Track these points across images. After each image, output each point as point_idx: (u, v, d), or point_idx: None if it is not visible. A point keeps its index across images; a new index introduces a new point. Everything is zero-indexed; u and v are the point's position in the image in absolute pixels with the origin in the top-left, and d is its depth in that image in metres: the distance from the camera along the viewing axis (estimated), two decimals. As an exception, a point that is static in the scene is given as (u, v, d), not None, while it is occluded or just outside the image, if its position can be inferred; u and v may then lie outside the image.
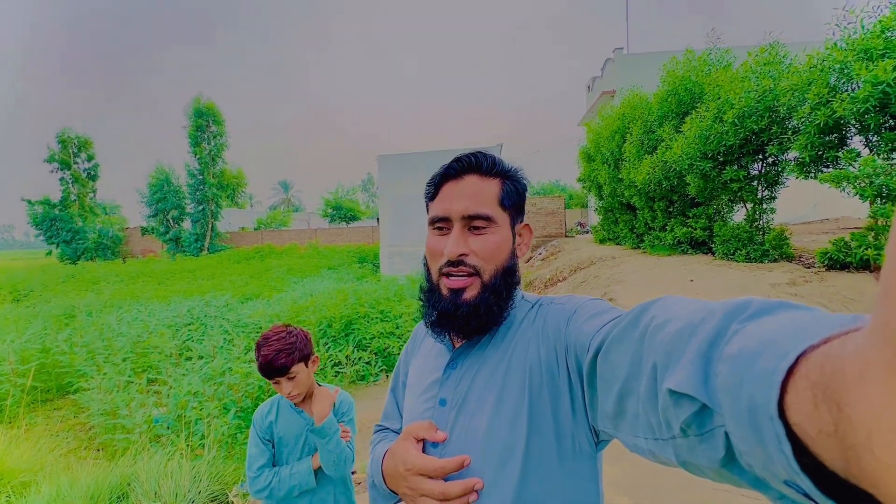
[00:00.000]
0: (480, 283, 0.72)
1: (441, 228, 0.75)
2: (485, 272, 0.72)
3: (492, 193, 0.74)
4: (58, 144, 29.05)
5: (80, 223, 28.66)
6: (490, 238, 0.72)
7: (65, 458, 4.07)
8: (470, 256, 0.72)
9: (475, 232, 0.73)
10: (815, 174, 4.99)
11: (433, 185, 0.77)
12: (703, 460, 0.37)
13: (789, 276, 4.99)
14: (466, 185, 0.74)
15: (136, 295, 12.55)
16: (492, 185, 0.74)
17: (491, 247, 0.72)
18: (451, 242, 0.72)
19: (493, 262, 0.73)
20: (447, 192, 0.75)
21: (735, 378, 0.31)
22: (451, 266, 0.72)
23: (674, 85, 7.60)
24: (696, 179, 6.64)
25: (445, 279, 0.73)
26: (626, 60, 16.57)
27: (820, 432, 0.24)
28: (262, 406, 1.58)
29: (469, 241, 0.72)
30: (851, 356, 0.22)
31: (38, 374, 5.95)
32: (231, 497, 2.96)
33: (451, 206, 0.73)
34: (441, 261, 0.73)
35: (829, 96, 4.55)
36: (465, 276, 0.72)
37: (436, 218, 0.75)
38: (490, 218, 0.72)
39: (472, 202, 0.72)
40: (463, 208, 0.72)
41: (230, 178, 29.37)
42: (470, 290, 0.72)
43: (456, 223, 0.73)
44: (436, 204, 0.76)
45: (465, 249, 0.72)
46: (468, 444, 0.70)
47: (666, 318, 0.42)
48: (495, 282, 0.73)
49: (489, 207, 0.73)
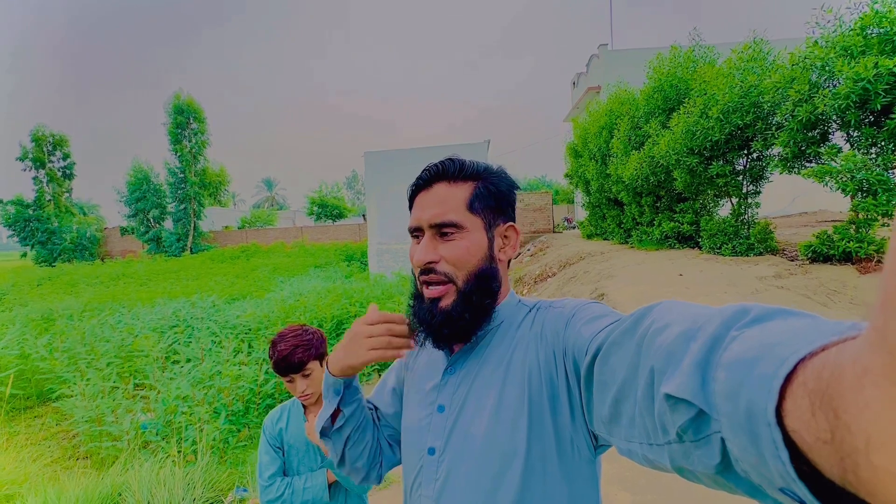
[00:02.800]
0: (456, 290, 0.73)
1: (417, 237, 0.77)
2: (458, 278, 0.73)
3: (460, 199, 0.74)
4: (31, 142, 28.06)
5: (56, 223, 27.79)
6: (459, 244, 0.73)
7: (50, 468, 3.95)
8: (440, 263, 0.73)
9: (444, 238, 0.73)
10: (798, 169, 5.10)
11: (409, 197, 0.79)
12: (698, 466, 0.37)
13: (775, 269, 5.10)
14: (435, 193, 0.75)
15: (117, 297, 12.25)
16: (461, 189, 0.75)
17: (460, 252, 0.72)
18: (419, 251, 0.74)
19: (464, 267, 0.73)
20: (419, 203, 0.76)
21: (733, 384, 0.31)
22: (424, 274, 0.73)
23: (660, 81, 7.68)
24: (682, 174, 6.73)
25: (426, 288, 0.74)
26: (610, 56, 16.69)
27: (817, 440, 0.24)
28: (273, 412, 1.54)
29: (439, 248, 0.73)
30: (849, 363, 0.22)
31: (17, 381, 5.75)
32: (227, 503, 2.91)
33: (420, 214, 0.75)
34: (418, 269, 0.75)
35: (810, 93, 4.65)
36: (439, 284, 0.73)
37: (410, 228, 0.77)
38: (456, 224, 0.73)
39: (438, 210, 0.73)
40: (429, 217, 0.73)
41: (212, 175, 28.77)
42: (446, 298, 0.73)
43: (426, 231, 0.74)
44: (412, 214, 0.78)
45: (434, 257, 0.73)
46: (467, 450, 0.70)
47: (665, 323, 0.42)
48: (469, 287, 0.73)
49: (455, 213, 0.73)
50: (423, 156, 17.45)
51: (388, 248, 16.70)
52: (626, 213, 9.55)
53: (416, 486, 0.77)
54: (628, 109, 8.86)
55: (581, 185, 12.72)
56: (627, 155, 8.42)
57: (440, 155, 0.81)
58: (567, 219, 22.22)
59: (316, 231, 27.79)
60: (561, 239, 14.11)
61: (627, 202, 9.22)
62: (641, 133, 8.29)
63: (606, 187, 10.11)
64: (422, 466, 0.75)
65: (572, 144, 12.89)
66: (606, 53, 16.95)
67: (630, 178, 8.07)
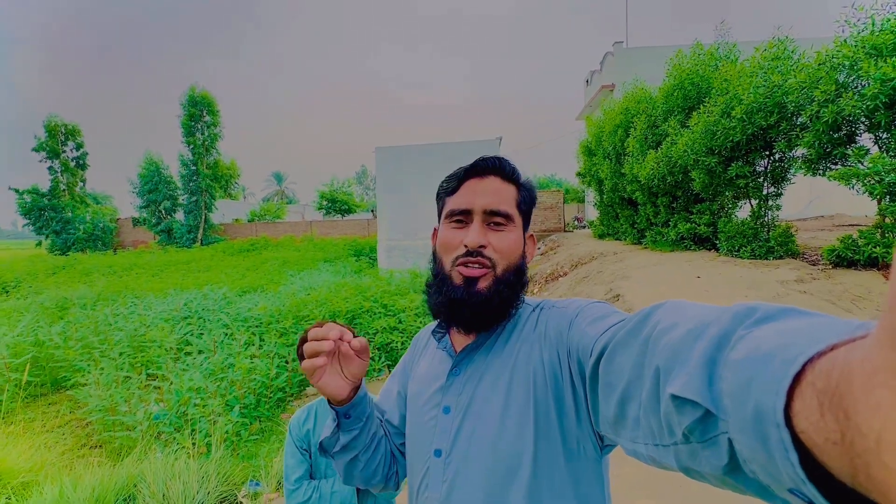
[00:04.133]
0: (494, 276, 0.74)
1: (460, 221, 0.77)
2: (499, 266, 0.74)
3: (511, 196, 0.77)
4: (45, 132, 28.37)
5: (70, 213, 28.13)
6: (508, 235, 0.75)
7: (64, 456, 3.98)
8: (488, 249, 0.74)
9: (494, 228, 0.75)
10: (823, 171, 4.97)
11: (455, 180, 0.79)
12: (705, 467, 0.36)
13: (796, 274, 4.99)
14: (490, 183, 0.77)
15: (130, 287, 12.37)
16: (511, 189, 0.78)
17: (509, 244, 0.75)
18: (472, 232, 0.74)
19: (507, 258, 0.75)
20: (470, 188, 0.77)
21: (740, 384, 0.30)
22: (469, 256, 0.74)
23: (680, 79, 7.53)
24: (701, 175, 6.60)
25: (460, 268, 0.74)
26: (625, 54, 16.48)
27: (827, 440, 0.23)
28: (299, 413, 1.50)
29: (488, 235, 0.75)
30: (859, 363, 0.22)
31: (32, 368, 5.82)
32: (240, 497, 2.90)
33: (474, 199, 0.75)
34: (457, 252, 0.75)
35: (837, 93, 4.52)
36: (480, 266, 0.74)
37: (456, 210, 0.77)
38: (510, 216, 0.76)
39: (495, 199, 0.75)
40: (486, 203, 0.75)
41: (223, 168, 28.93)
42: (484, 279, 0.73)
43: (476, 216, 0.75)
44: (456, 198, 0.78)
45: (484, 241, 0.74)
46: (474, 451, 0.70)
47: (671, 323, 0.42)
48: (507, 277, 0.74)
49: (510, 207, 0.76)
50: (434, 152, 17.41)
51: (398, 244, 16.69)
52: (640, 214, 9.42)
53: (422, 487, 0.76)
54: (645, 108, 8.72)
55: (593, 184, 12.58)
56: (643, 154, 8.29)
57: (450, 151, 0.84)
58: (577, 218, 22.05)
59: (325, 225, 27.87)
60: (572, 238, 13.99)
61: (642, 202, 9.09)
62: (659, 132, 8.15)
63: (620, 187, 9.97)
64: (428, 468, 0.75)
65: (585, 143, 12.73)
66: (621, 51, 16.74)
67: (646, 178, 7.94)
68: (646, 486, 2.28)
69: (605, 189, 11.13)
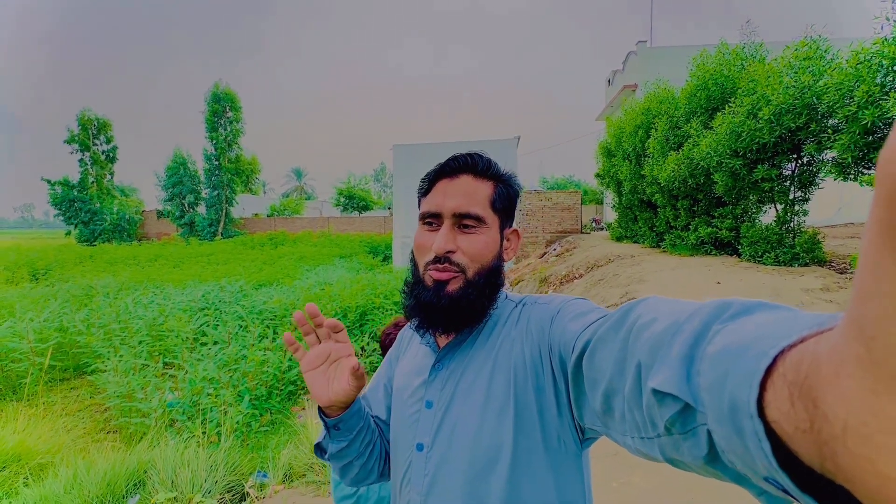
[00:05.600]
0: (464, 279, 0.73)
1: (431, 224, 0.76)
2: (469, 270, 0.73)
3: (484, 195, 0.75)
4: (77, 126, 29.35)
5: (98, 205, 29.06)
6: (478, 238, 0.74)
7: (81, 439, 4.09)
8: (457, 254, 0.73)
9: (464, 230, 0.74)
10: (856, 176, 4.76)
11: (427, 181, 0.78)
12: (687, 458, 0.38)
13: (822, 282, 4.79)
14: (460, 183, 0.75)
15: (152, 278, 12.70)
16: (485, 186, 0.76)
17: (479, 247, 0.73)
18: (439, 238, 0.73)
19: (478, 261, 0.74)
20: (440, 189, 0.76)
21: (716, 377, 0.31)
22: (437, 262, 0.73)
23: (704, 79, 7.32)
24: (724, 178, 6.40)
25: (432, 271, 0.74)
26: (649, 53, 16.15)
27: (796, 429, 0.24)
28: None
29: (457, 238, 0.73)
30: (826, 354, 0.23)
31: (56, 354, 6.01)
32: (247, 488, 2.92)
33: (443, 202, 0.74)
34: (428, 256, 0.74)
35: (878, 94, 4.31)
36: (449, 272, 0.73)
37: (427, 213, 0.76)
38: (480, 218, 0.73)
39: (464, 201, 0.73)
40: (455, 206, 0.73)
41: (245, 164, 29.49)
42: (453, 283, 0.73)
43: (446, 220, 0.74)
44: (428, 199, 0.77)
45: (452, 246, 0.73)
46: (455, 446, 0.70)
47: (651, 318, 0.43)
48: (478, 280, 0.73)
49: (480, 208, 0.74)
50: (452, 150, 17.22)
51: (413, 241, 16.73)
52: (660, 216, 9.21)
53: (405, 481, 0.76)
54: (667, 108, 8.50)
55: (612, 186, 12.35)
56: (664, 156, 8.09)
57: (468, 149, 0.79)
58: (595, 219, 21.73)
59: (342, 222, 28.15)
60: (589, 240, 13.78)
61: (662, 205, 8.88)
62: (681, 133, 7.95)
63: (640, 188, 9.77)
64: (411, 462, 0.75)
65: (605, 143, 12.51)
66: (645, 50, 16.41)
67: (666, 180, 7.75)
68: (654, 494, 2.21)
69: (624, 191, 10.92)
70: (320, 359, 0.76)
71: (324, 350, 0.76)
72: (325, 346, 0.76)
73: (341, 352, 0.76)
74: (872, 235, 0.19)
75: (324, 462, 1.34)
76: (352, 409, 0.79)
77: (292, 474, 3.09)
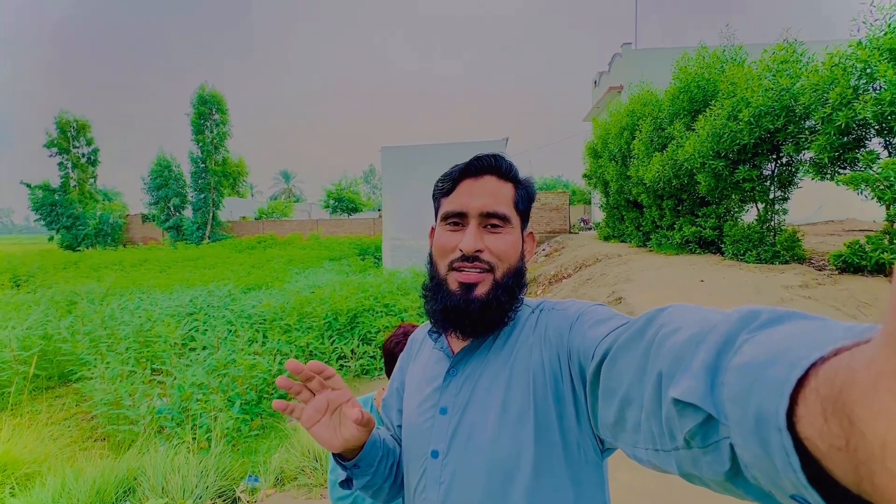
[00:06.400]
0: (493, 280, 0.72)
1: (456, 224, 0.75)
2: (498, 269, 0.73)
3: (508, 196, 0.75)
4: (56, 128, 28.75)
5: (80, 209, 28.51)
6: (506, 237, 0.73)
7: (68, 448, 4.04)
8: (485, 253, 0.72)
9: (491, 230, 0.73)
10: (832, 175, 4.91)
11: (450, 181, 0.76)
12: (707, 473, 0.36)
13: (801, 279, 4.93)
14: (485, 183, 0.74)
15: (138, 283, 12.51)
16: (508, 188, 0.76)
17: (506, 246, 0.73)
18: (468, 237, 0.72)
19: (506, 260, 0.73)
20: (465, 189, 0.75)
21: (743, 388, 0.30)
22: (466, 261, 0.72)
23: (686, 82, 7.48)
24: (707, 178, 6.55)
25: (456, 273, 0.73)
26: (634, 55, 16.37)
27: (831, 447, 0.23)
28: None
29: (485, 238, 0.73)
30: (862, 368, 0.22)
31: (40, 362, 5.90)
32: (238, 493, 2.93)
33: (469, 202, 0.73)
34: (452, 255, 0.73)
35: (851, 97, 4.45)
36: (478, 271, 0.72)
37: (451, 213, 0.75)
38: (507, 218, 0.74)
39: (491, 200, 0.73)
40: (482, 205, 0.73)
41: (232, 166, 29.18)
42: (482, 285, 0.72)
43: (472, 219, 0.73)
44: (451, 199, 0.76)
45: (481, 245, 0.72)
46: (472, 453, 0.69)
47: (674, 327, 0.42)
48: (507, 280, 0.73)
49: (507, 208, 0.74)
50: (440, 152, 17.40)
51: (403, 243, 16.72)
52: (646, 216, 9.37)
53: (419, 488, 0.75)
54: (651, 110, 8.67)
55: (599, 186, 12.52)
56: (649, 157, 8.24)
57: (457, 151, 0.81)
58: (584, 219, 21.94)
59: (331, 224, 28.00)
60: (577, 240, 13.93)
61: (647, 205, 9.04)
62: (665, 135, 8.10)
63: (626, 189, 9.92)
64: (425, 469, 0.74)
65: (591, 144, 12.68)
66: (630, 52, 16.63)
67: (651, 181, 7.90)
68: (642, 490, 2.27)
69: (611, 191, 11.08)
70: (320, 412, 0.70)
71: (321, 402, 0.71)
72: (321, 398, 0.71)
73: (340, 398, 0.71)
74: None
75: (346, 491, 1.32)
76: (365, 449, 0.76)
77: (284, 478, 3.10)
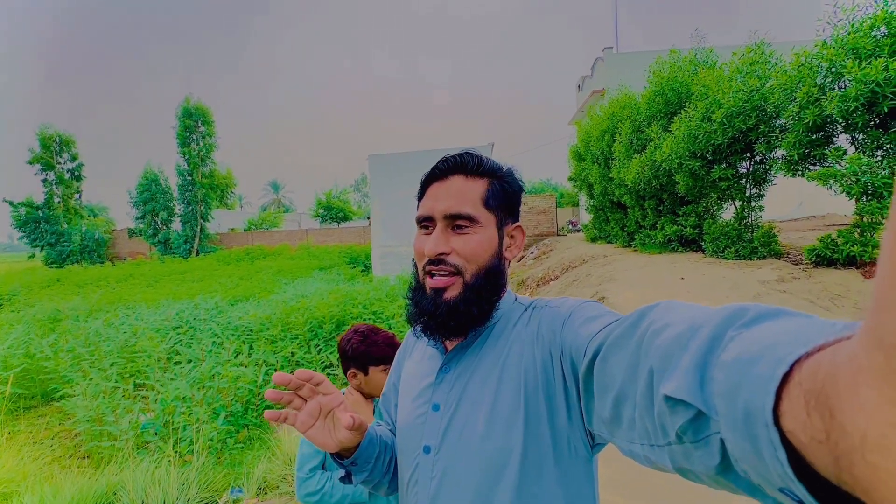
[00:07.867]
0: (462, 283, 0.72)
1: (426, 227, 0.76)
2: (466, 271, 0.72)
3: (476, 193, 0.74)
4: (38, 143, 28.35)
5: (64, 225, 28.09)
6: (472, 238, 0.73)
7: (49, 466, 3.97)
8: (451, 255, 0.72)
9: (458, 231, 0.73)
10: (803, 172, 5.05)
11: (421, 186, 0.78)
12: (698, 467, 0.37)
13: (778, 273, 5.04)
14: (451, 185, 0.74)
15: (124, 298, 12.34)
16: (477, 185, 0.75)
17: (473, 246, 0.72)
18: (431, 241, 0.73)
19: (474, 261, 0.73)
20: (432, 192, 0.75)
21: (731, 384, 0.31)
22: (433, 265, 0.73)
23: (660, 85, 7.65)
24: (685, 178, 6.68)
25: (429, 278, 0.74)
26: (615, 60, 16.67)
27: (812, 439, 0.24)
28: None
29: (451, 240, 0.73)
30: (844, 363, 0.22)
31: (22, 381, 5.81)
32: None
33: (434, 205, 0.74)
34: (424, 260, 0.74)
35: (818, 95, 4.59)
36: (446, 275, 0.72)
37: (420, 217, 0.76)
38: (472, 217, 0.73)
39: (454, 201, 0.73)
40: (445, 207, 0.73)
41: (219, 178, 29.00)
42: (451, 289, 0.72)
43: (439, 222, 0.74)
44: (422, 204, 0.77)
45: (445, 248, 0.72)
46: (463, 449, 0.70)
47: (664, 324, 0.42)
48: (477, 282, 0.73)
49: (471, 207, 0.73)
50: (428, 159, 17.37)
51: (392, 250, 16.72)
52: (629, 217, 9.51)
53: (411, 483, 0.76)
54: (630, 113, 8.83)
55: (584, 189, 12.68)
56: (629, 158, 8.38)
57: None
58: (572, 222, 22.15)
59: (321, 233, 27.90)
60: (565, 242, 14.06)
61: (630, 205, 9.17)
62: (643, 137, 8.26)
63: (609, 190, 10.07)
64: (417, 465, 0.75)
65: (575, 148, 12.86)
66: (611, 56, 16.93)
67: (633, 182, 8.03)
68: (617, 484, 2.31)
69: (595, 193, 11.23)
70: (313, 417, 0.72)
71: (313, 407, 0.72)
72: (313, 403, 0.72)
73: (332, 402, 0.73)
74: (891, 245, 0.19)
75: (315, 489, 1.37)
76: (361, 447, 0.78)
77: (266, 487, 3.09)
